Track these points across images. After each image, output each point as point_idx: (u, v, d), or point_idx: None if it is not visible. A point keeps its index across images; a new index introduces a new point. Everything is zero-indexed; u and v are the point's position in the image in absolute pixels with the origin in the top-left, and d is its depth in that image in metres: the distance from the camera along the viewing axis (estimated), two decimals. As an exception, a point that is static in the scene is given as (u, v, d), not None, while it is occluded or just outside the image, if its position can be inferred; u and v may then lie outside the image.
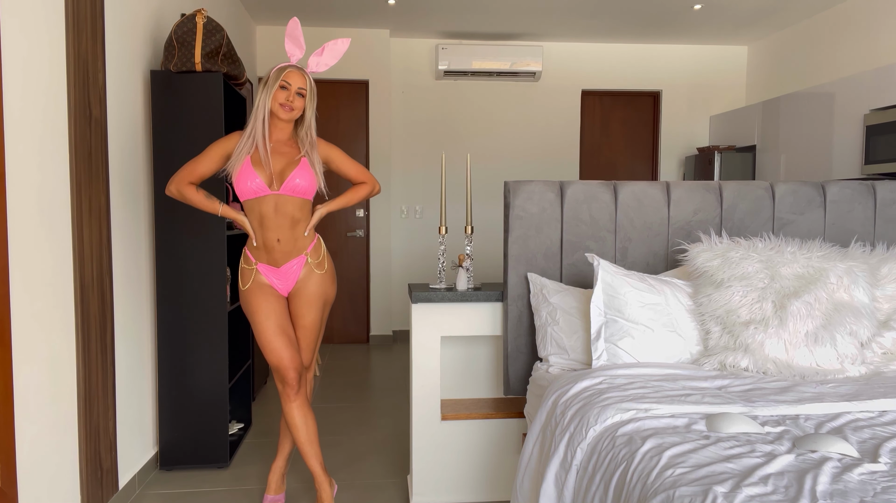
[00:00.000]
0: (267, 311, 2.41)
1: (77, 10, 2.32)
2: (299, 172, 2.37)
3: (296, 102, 2.37)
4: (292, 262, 2.44)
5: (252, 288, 2.44)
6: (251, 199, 2.38)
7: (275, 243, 2.40)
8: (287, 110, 2.36)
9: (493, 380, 2.84)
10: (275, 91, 2.35)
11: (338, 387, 4.47)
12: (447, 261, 5.88)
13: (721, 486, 1.30)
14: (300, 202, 2.42)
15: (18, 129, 1.98)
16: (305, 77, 2.40)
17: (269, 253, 2.42)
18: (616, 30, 5.58)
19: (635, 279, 2.28)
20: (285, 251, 2.42)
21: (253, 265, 2.45)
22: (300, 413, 2.46)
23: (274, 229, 2.39)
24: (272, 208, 2.38)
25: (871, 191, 2.69)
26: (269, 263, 2.43)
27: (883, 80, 3.93)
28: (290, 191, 2.37)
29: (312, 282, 2.47)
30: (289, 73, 2.37)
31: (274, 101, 2.36)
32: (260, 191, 2.35)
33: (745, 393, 1.89)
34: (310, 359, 2.54)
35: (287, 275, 2.45)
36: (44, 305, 2.11)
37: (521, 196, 2.55)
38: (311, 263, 2.47)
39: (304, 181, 2.38)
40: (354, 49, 5.62)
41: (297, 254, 2.44)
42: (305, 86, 2.39)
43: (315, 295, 2.48)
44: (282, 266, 2.43)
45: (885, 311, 2.25)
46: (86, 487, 2.39)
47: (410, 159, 5.92)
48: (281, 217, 2.39)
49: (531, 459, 2.00)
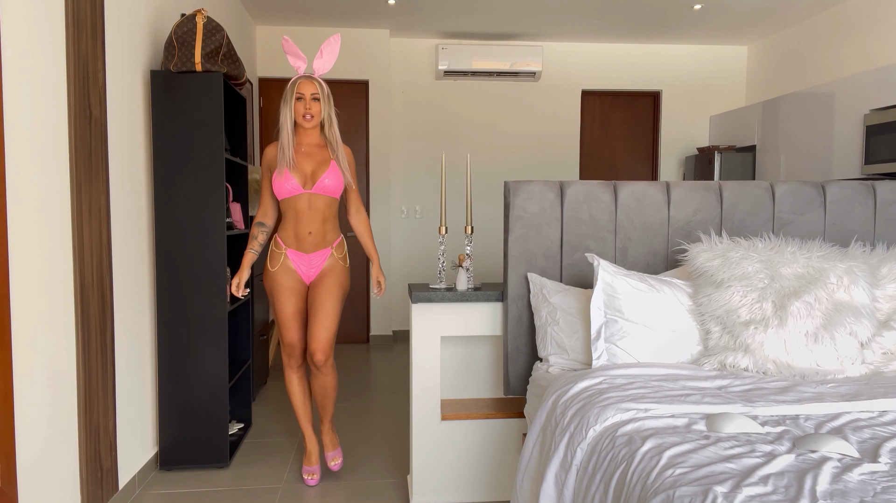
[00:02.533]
0: (289, 294, 2.78)
1: (77, 10, 2.32)
2: (329, 174, 2.70)
3: (314, 109, 2.68)
4: (320, 253, 2.78)
5: (280, 270, 2.78)
6: (288, 197, 2.71)
7: (307, 235, 2.74)
8: (308, 119, 2.68)
9: (493, 380, 2.84)
10: (294, 105, 2.67)
11: (338, 387, 4.46)
12: (447, 261, 5.88)
13: (721, 486, 1.30)
14: (329, 200, 2.76)
15: (18, 129, 1.98)
16: (315, 82, 2.68)
17: (301, 242, 2.75)
18: (616, 30, 5.58)
19: (635, 279, 2.28)
20: (315, 242, 2.76)
21: (283, 249, 2.78)
22: (299, 382, 2.90)
23: (307, 223, 2.73)
24: (306, 205, 2.72)
25: (871, 191, 2.69)
26: (300, 250, 2.76)
27: (883, 80, 3.93)
28: (321, 190, 2.70)
29: (337, 271, 2.80)
30: (300, 84, 2.67)
31: (297, 115, 2.68)
32: (295, 190, 2.69)
33: (745, 393, 1.89)
34: (326, 340, 2.76)
35: (313, 263, 2.77)
36: (44, 305, 2.11)
37: (521, 196, 2.55)
38: (335, 256, 2.81)
39: (333, 181, 2.71)
40: (354, 49, 5.62)
41: (325, 247, 2.79)
42: (317, 90, 2.68)
43: (336, 283, 2.78)
44: (310, 254, 2.76)
45: (885, 311, 2.25)
46: (86, 487, 2.39)
47: (410, 159, 5.92)
48: (313, 212, 2.73)
49: (531, 459, 2.00)
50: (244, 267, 2.79)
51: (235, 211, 3.43)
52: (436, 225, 5.98)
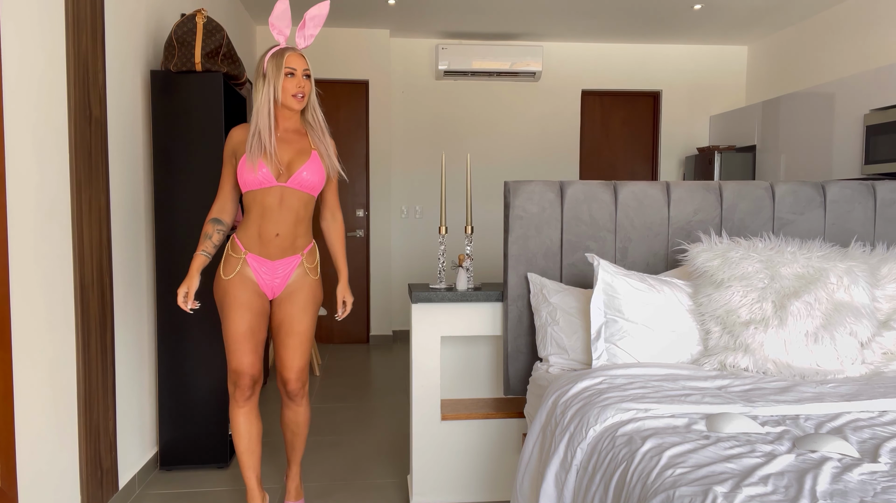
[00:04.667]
0: (243, 310, 2.27)
1: (77, 10, 2.32)
2: (308, 166, 2.25)
3: (306, 87, 2.25)
4: (288, 260, 2.32)
5: (235, 279, 2.28)
6: (255, 189, 2.25)
7: (273, 237, 2.27)
8: (300, 98, 2.24)
9: (493, 380, 2.84)
10: (283, 81, 2.20)
11: (338, 387, 4.47)
12: (447, 261, 5.88)
13: (721, 486, 1.30)
14: (306, 197, 2.31)
15: (18, 129, 1.98)
16: (304, 57, 2.26)
17: (265, 246, 2.28)
18: (616, 30, 5.58)
19: (635, 279, 2.28)
20: (282, 247, 2.30)
21: (242, 254, 2.29)
22: (246, 420, 2.36)
23: (275, 223, 2.26)
24: (277, 200, 2.26)
25: (871, 191, 2.69)
26: (263, 255, 2.29)
27: (883, 80, 3.93)
28: (297, 184, 2.26)
29: (307, 286, 2.35)
30: (290, 57, 2.22)
31: (285, 94, 2.22)
32: (266, 181, 2.22)
33: (745, 393, 1.89)
34: (301, 367, 2.39)
35: (278, 273, 2.32)
36: (44, 305, 2.11)
37: (521, 196, 2.55)
38: (305, 266, 2.35)
39: (312, 176, 2.27)
40: (354, 49, 5.62)
41: (294, 253, 2.33)
42: (308, 66, 2.26)
43: (310, 299, 2.36)
44: (276, 261, 2.30)
45: (885, 311, 2.25)
46: (86, 487, 2.39)
47: (410, 159, 5.92)
48: (285, 210, 2.27)
49: (531, 459, 2.00)
50: (192, 273, 2.27)
51: (235, 211, 3.42)
52: (436, 225, 5.98)
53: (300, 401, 2.44)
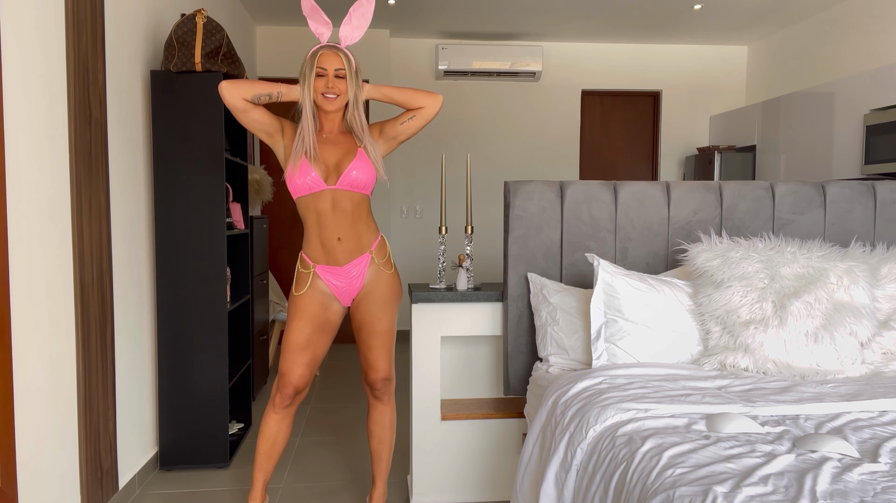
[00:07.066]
0: (304, 322, 2.26)
1: (77, 10, 2.32)
2: (356, 164, 2.18)
3: (338, 86, 2.15)
4: (357, 261, 2.26)
5: (307, 294, 2.27)
6: (306, 195, 2.21)
7: (335, 242, 2.23)
8: (331, 99, 2.16)
9: (493, 380, 2.84)
10: (313, 82, 2.15)
11: (338, 387, 4.47)
12: (447, 262, 5.88)
13: (721, 486, 1.30)
14: (358, 197, 2.24)
15: (18, 129, 1.98)
16: (341, 55, 2.16)
17: (330, 253, 2.24)
18: (616, 30, 5.58)
19: (635, 279, 2.28)
20: (347, 249, 2.24)
21: (311, 268, 2.27)
22: (276, 424, 2.35)
23: (333, 227, 2.22)
24: (329, 205, 2.21)
25: (871, 191, 2.69)
26: (331, 264, 2.25)
27: (883, 80, 3.93)
28: (348, 185, 2.19)
29: (384, 283, 2.30)
30: (322, 56, 2.15)
31: (316, 94, 2.16)
32: (315, 185, 2.17)
33: (745, 393, 1.89)
34: (388, 367, 2.36)
35: (351, 276, 2.27)
36: (44, 305, 2.11)
37: (521, 196, 2.55)
38: (377, 262, 2.30)
39: (362, 174, 2.19)
40: (354, 49, 5.60)
41: (362, 253, 2.27)
42: (343, 65, 2.15)
43: (388, 295, 2.31)
44: (345, 265, 2.25)
45: (885, 311, 2.25)
46: (86, 487, 2.39)
47: (410, 159, 5.92)
48: (340, 213, 2.21)
49: (531, 459, 2.00)
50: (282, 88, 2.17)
51: (235, 211, 3.43)
52: (436, 225, 5.98)
53: (387, 401, 2.43)
